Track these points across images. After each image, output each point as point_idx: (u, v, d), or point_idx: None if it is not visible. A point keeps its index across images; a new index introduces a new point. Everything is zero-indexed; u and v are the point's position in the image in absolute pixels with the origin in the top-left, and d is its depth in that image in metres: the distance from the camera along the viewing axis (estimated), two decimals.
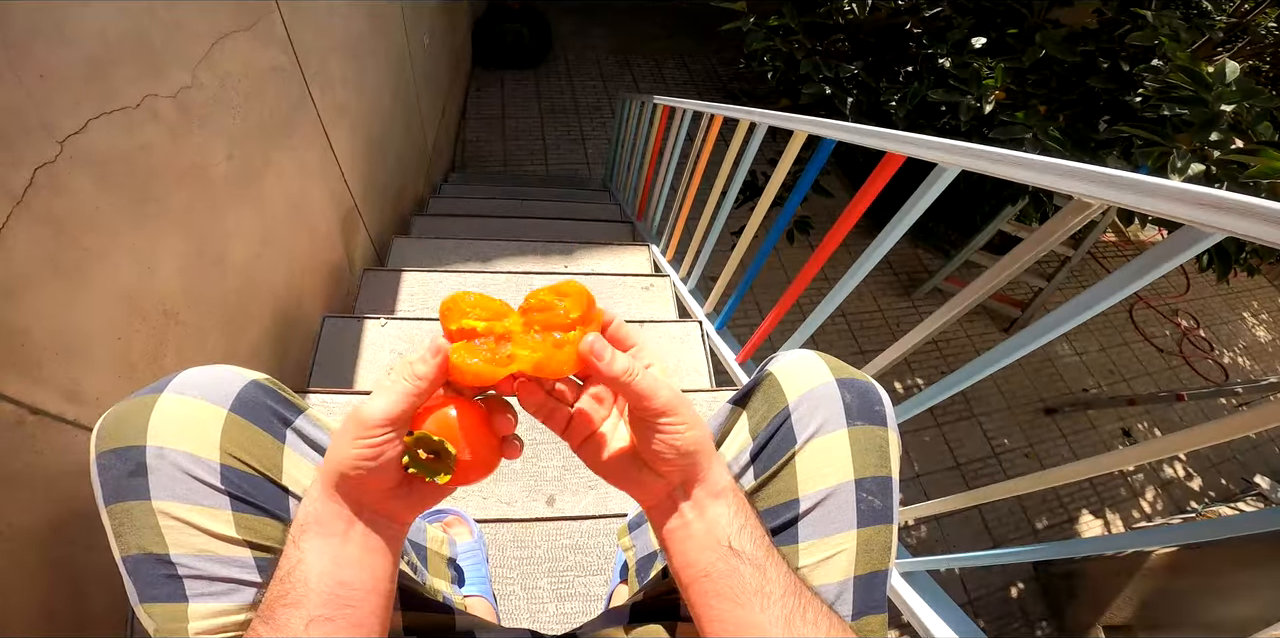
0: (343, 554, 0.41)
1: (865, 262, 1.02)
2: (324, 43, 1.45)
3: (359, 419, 0.40)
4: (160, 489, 0.46)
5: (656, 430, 0.42)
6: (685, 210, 1.95)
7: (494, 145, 4.17)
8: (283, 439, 0.54)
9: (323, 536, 0.41)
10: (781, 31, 2.36)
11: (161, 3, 0.83)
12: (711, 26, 3.38)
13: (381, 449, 0.40)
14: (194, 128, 0.92)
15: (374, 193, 1.97)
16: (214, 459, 0.48)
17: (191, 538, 0.46)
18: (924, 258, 3.75)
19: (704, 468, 0.45)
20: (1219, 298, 4.08)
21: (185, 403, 0.49)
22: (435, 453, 0.43)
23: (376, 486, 0.42)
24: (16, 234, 0.61)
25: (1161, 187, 0.49)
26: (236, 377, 0.53)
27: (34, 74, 0.62)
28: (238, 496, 0.49)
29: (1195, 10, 1.92)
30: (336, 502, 0.42)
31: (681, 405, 0.42)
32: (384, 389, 0.41)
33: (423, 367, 0.41)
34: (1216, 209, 0.45)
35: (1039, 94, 2.00)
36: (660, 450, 0.43)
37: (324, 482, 0.42)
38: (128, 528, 0.46)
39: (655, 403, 0.41)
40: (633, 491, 0.47)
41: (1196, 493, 3.06)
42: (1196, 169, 1.43)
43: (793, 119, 1.20)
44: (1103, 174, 0.54)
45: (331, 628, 0.40)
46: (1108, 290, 0.60)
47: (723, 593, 0.42)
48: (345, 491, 0.42)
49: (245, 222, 1.12)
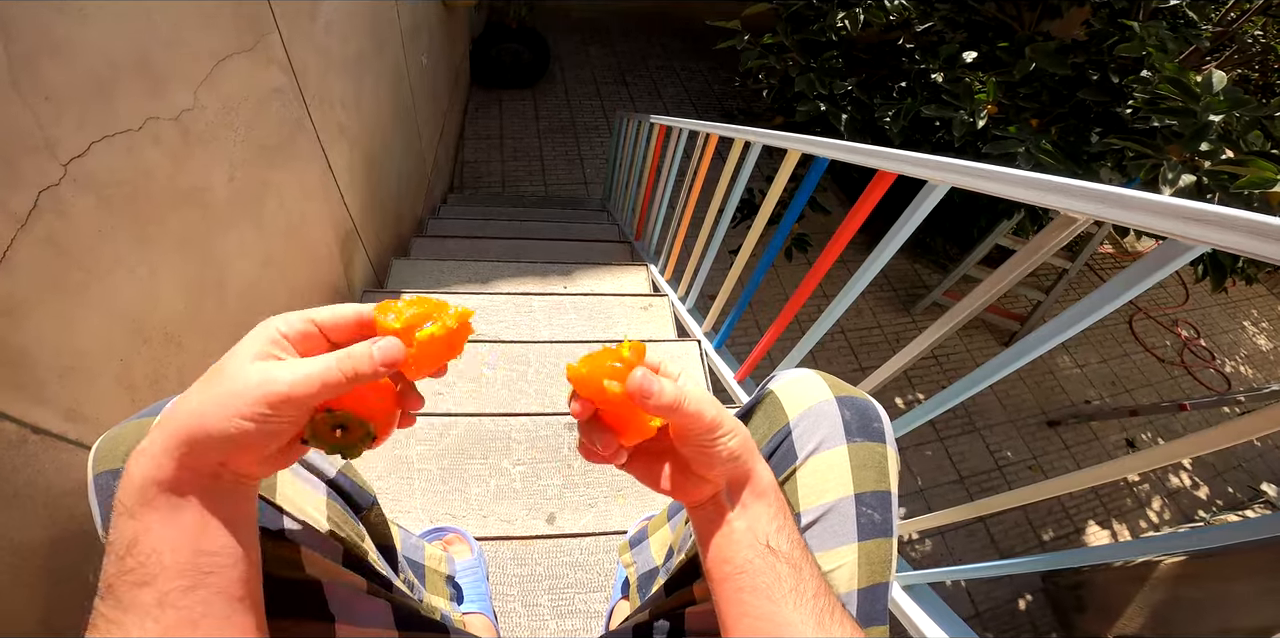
0: (199, 521, 0.36)
1: (860, 278, 1.03)
2: (323, 63, 1.47)
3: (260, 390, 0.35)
4: None
5: (706, 444, 0.43)
6: (683, 229, 1.97)
7: (493, 165, 4.20)
8: None
9: (171, 502, 0.35)
10: (776, 49, 2.40)
11: (164, 24, 0.84)
12: (707, 45, 3.43)
13: (279, 428, 0.36)
14: (195, 150, 0.93)
15: (373, 214, 1.98)
16: None
17: None
18: (922, 273, 3.76)
19: (750, 468, 0.45)
20: (1218, 307, 4.08)
21: None
22: (344, 429, 0.39)
23: (240, 459, 0.37)
24: (20, 257, 0.62)
25: (1142, 200, 0.50)
26: None
27: (39, 96, 0.63)
28: None
29: (1182, 20, 1.93)
30: (186, 464, 0.35)
31: (723, 416, 0.43)
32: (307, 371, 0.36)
33: (367, 367, 0.37)
34: (1197, 222, 0.46)
35: (1031, 107, 2.02)
36: (710, 461, 0.43)
37: (172, 440, 0.35)
38: None
39: (705, 420, 0.42)
40: (680, 495, 0.47)
41: (1204, 502, 3.03)
42: (1188, 180, 1.43)
43: (786, 138, 1.21)
44: (1086, 189, 0.55)
45: (194, 598, 0.35)
46: (1096, 304, 0.61)
47: (758, 588, 0.42)
48: (201, 452, 0.35)
49: (246, 243, 1.13)
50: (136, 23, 0.79)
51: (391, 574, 0.65)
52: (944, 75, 2.09)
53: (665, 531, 0.81)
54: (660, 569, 0.77)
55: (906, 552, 2.61)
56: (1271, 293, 4.35)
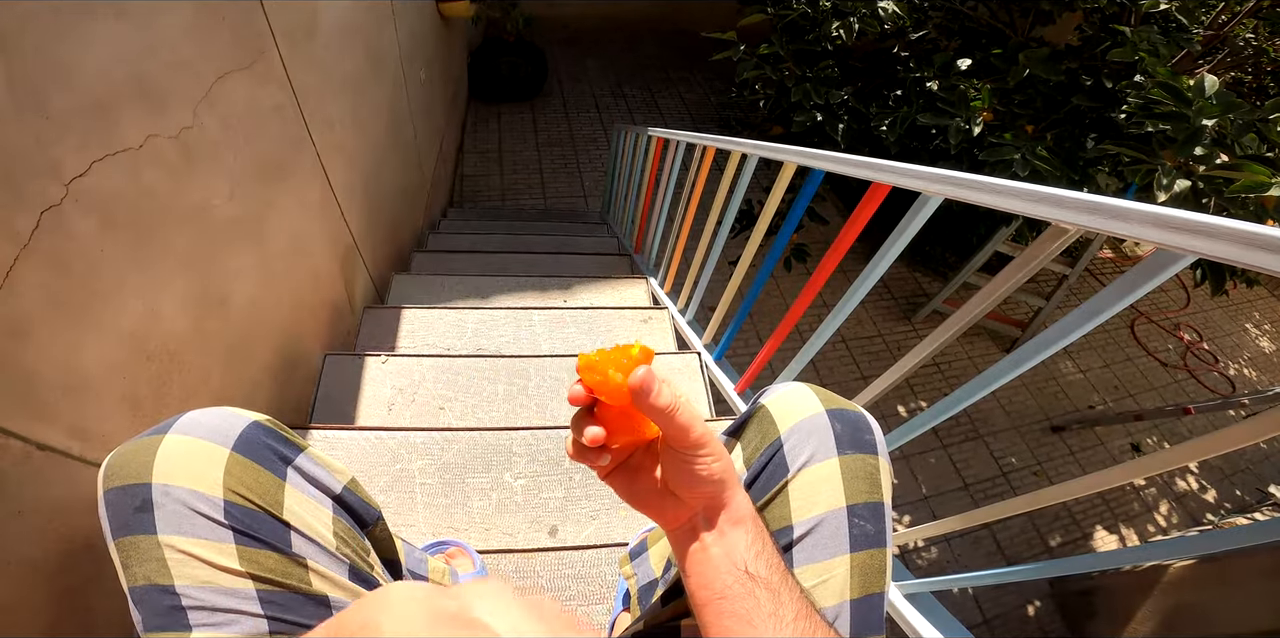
0: None
1: (858, 288, 1.03)
2: (321, 80, 1.47)
3: None
4: (166, 524, 0.48)
5: (688, 461, 0.44)
6: (682, 241, 1.97)
7: (492, 179, 4.22)
8: (283, 477, 0.56)
9: None
10: (771, 59, 2.42)
11: (163, 41, 0.85)
12: (703, 56, 3.45)
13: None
14: (196, 168, 0.94)
15: (373, 230, 1.99)
16: (217, 495, 0.50)
17: (196, 570, 0.48)
18: (922, 281, 3.77)
19: (728, 496, 0.46)
20: (1220, 310, 4.08)
21: (189, 443, 0.52)
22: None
23: None
24: (24, 277, 0.63)
25: (1131, 210, 0.50)
26: (238, 418, 0.56)
27: (41, 115, 0.64)
28: (240, 530, 0.51)
29: (1173, 24, 1.93)
30: None
31: (711, 437, 0.45)
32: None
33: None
34: (1184, 231, 0.46)
35: (1025, 114, 2.04)
36: (690, 480, 0.45)
37: None
38: (135, 560, 0.48)
39: (692, 435, 0.43)
40: (656, 516, 0.49)
41: (1211, 505, 3.02)
42: (1182, 185, 1.44)
43: (782, 150, 1.22)
44: (1076, 199, 0.56)
45: None
46: (1096, 309, 0.61)
47: (738, 614, 0.43)
48: None
49: (247, 261, 1.14)
50: (135, 41, 0.79)
51: None
52: (939, 83, 2.10)
53: (664, 542, 0.81)
54: (659, 581, 0.77)
55: (910, 560, 2.60)
56: (1273, 295, 4.35)
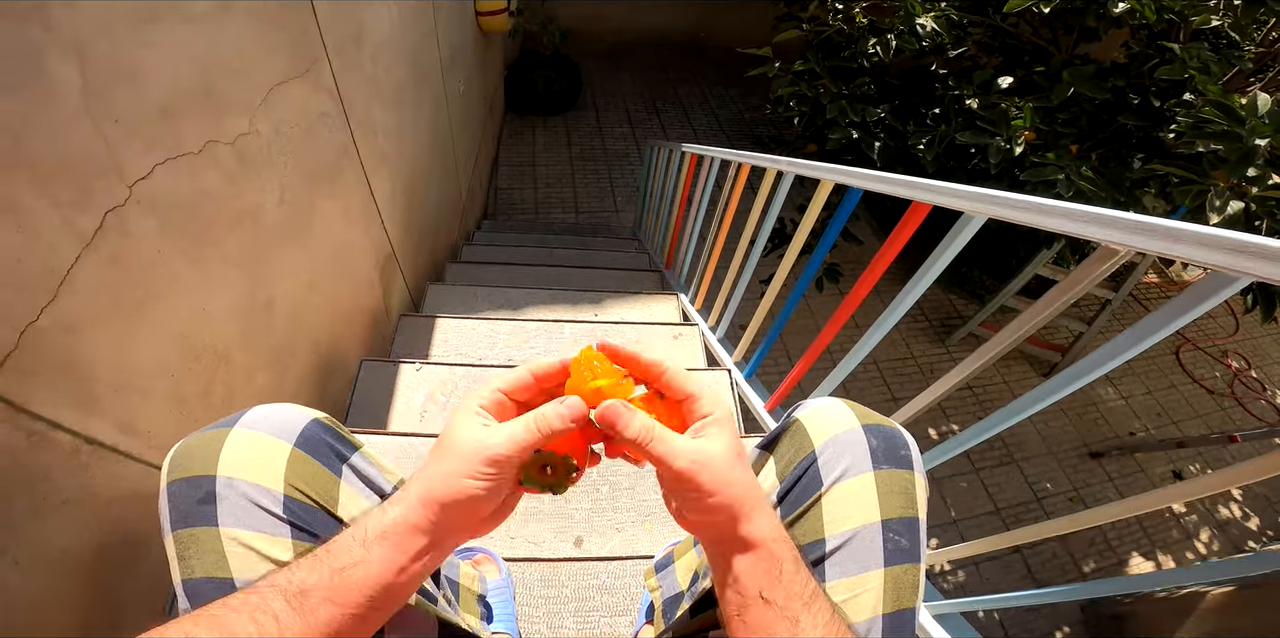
0: (409, 569, 0.42)
1: (894, 310, 1.02)
2: (368, 91, 1.51)
3: (480, 455, 0.42)
4: (228, 516, 0.50)
5: (675, 493, 0.45)
6: (714, 259, 1.97)
7: (525, 192, 4.26)
8: (339, 474, 0.57)
9: (398, 547, 0.42)
10: (807, 76, 2.41)
11: (228, 49, 0.88)
12: (738, 72, 3.46)
13: (500, 484, 0.43)
14: (249, 173, 0.97)
15: (411, 239, 2.03)
16: (278, 490, 0.52)
17: (255, 563, 0.49)
18: (958, 304, 3.70)
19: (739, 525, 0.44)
20: (1269, 337, 3.94)
21: (254, 437, 0.53)
22: (553, 468, 0.47)
23: (479, 512, 0.44)
24: (85, 274, 0.65)
25: (1187, 232, 0.49)
26: (300, 415, 0.58)
27: (110, 119, 0.67)
28: (298, 524, 0.52)
29: (1224, 41, 1.87)
30: (428, 521, 0.42)
31: (702, 473, 0.42)
32: (511, 432, 0.43)
33: (559, 424, 0.44)
34: (1241, 253, 0.45)
35: (1069, 133, 1.99)
36: (689, 508, 0.45)
37: (421, 500, 0.43)
38: (193, 553, 0.49)
39: (673, 468, 0.42)
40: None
41: (1254, 533, 2.90)
42: (1235, 207, 1.40)
43: (819, 168, 1.21)
44: (1127, 220, 0.54)
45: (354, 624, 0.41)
46: (1141, 335, 0.60)
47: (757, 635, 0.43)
48: (444, 515, 0.43)
49: (293, 265, 1.16)
50: (202, 47, 0.82)
51: (435, 590, 0.67)
52: (979, 101, 2.07)
53: (691, 555, 0.81)
54: (685, 594, 0.77)
55: (939, 583, 2.53)
56: None
